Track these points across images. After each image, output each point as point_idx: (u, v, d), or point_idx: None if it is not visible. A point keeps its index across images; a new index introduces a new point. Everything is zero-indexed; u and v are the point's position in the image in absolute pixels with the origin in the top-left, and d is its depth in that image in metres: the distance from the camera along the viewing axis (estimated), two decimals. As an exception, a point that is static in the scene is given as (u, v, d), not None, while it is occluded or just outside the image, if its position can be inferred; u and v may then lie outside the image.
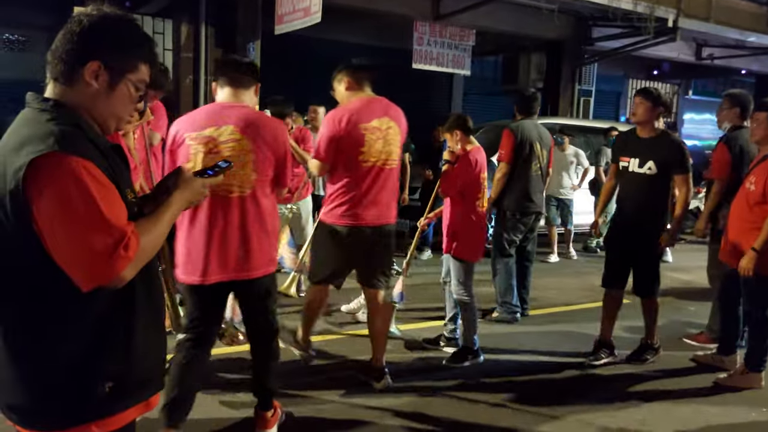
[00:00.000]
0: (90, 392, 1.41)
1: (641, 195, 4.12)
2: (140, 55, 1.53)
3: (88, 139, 1.41)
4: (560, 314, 5.75)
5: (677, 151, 4.08)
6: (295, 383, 3.71)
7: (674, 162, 4.06)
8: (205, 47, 8.47)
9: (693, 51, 13.01)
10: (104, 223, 1.34)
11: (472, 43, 10.18)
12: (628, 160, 4.15)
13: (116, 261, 1.35)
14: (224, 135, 2.74)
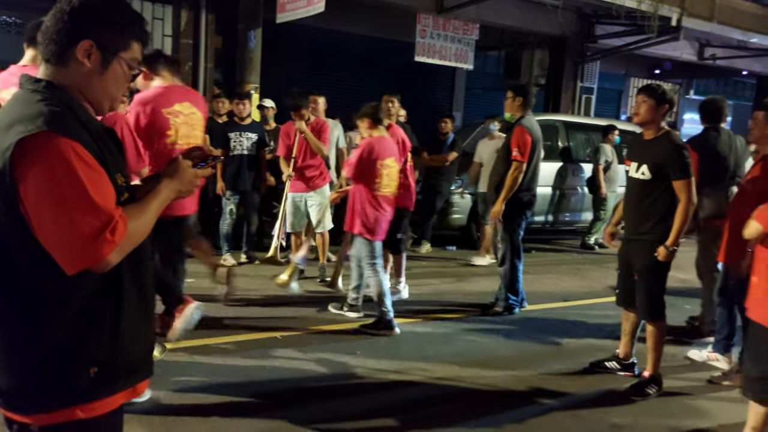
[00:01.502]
0: (74, 376, 1.39)
1: (636, 202, 3.79)
2: (132, 33, 1.50)
3: (79, 121, 1.39)
4: (557, 309, 5.73)
5: (673, 154, 3.60)
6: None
7: (669, 166, 3.60)
8: (205, 34, 8.42)
9: (695, 51, 12.98)
10: (91, 205, 1.32)
11: (475, 37, 10.13)
12: (630, 164, 3.87)
13: (102, 245, 1.32)
14: (186, 109, 3.61)
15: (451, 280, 6.63)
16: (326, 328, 4.71)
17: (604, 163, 8.72)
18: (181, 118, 3.63)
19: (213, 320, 4.59)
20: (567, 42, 11.30)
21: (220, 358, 3.96)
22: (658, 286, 3.77)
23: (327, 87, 7.82)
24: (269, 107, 7.15)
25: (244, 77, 8.24)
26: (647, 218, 3.72)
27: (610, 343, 4.71)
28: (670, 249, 3.62)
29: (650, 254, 3.67)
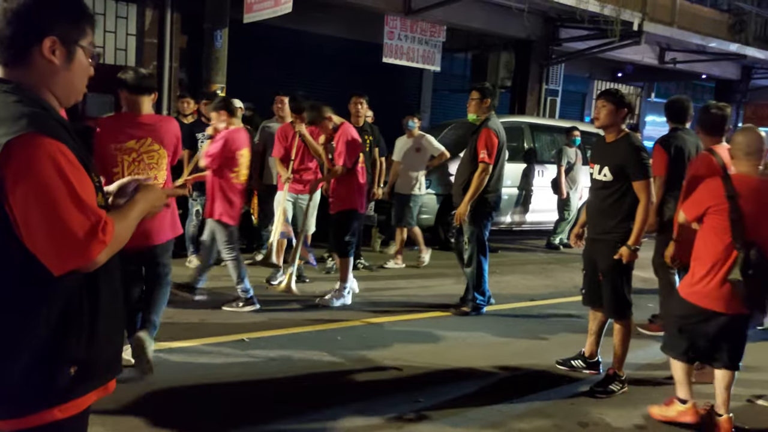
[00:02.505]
0: (55, 377, 1.39)
1: (599, 203, 3.86)
2: (85, 18, 1.50)
3: (56, 120, 1.39)
4: (524, 309, 5.81)
5: (632, 155, 3.69)
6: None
7: (629, 167, 3.69)
8: (170, 33, 8.30)
9: (656, 55, 13.29)
10: (81, 205, 1.33)
11: (442, 39, 10.20)
12: (593, 166, 3.95)
13: (93, 243, 1.34)
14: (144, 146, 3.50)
15: (420, 280, 6.66)
16: (299, 330, 4.69)
17: (567, 164, 8.87)
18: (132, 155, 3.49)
19: (180, 322, 4.53)
20: (532, 45, 11.46)
21: (187, 359, 3.91)
22: (622, 285, 3.82)
23: (294, 87, 7.79)
24: (238, 107, 7.06)
25: (210, 77, 8.15)
26: (610, 218, 3.80)
27: (576, 342, 4.80)
28: (632, 248, 3.70)
29: (613, 254, 3.74)
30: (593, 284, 3.98)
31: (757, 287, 3.11)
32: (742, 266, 3.08)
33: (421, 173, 7.12)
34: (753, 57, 13.10)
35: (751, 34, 13.49)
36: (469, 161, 5.24)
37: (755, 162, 3.23)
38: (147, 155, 3.53)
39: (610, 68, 14.90)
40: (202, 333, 4.45)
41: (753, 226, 3.11)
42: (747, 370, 4.30)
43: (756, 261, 3.06)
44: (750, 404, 3.84)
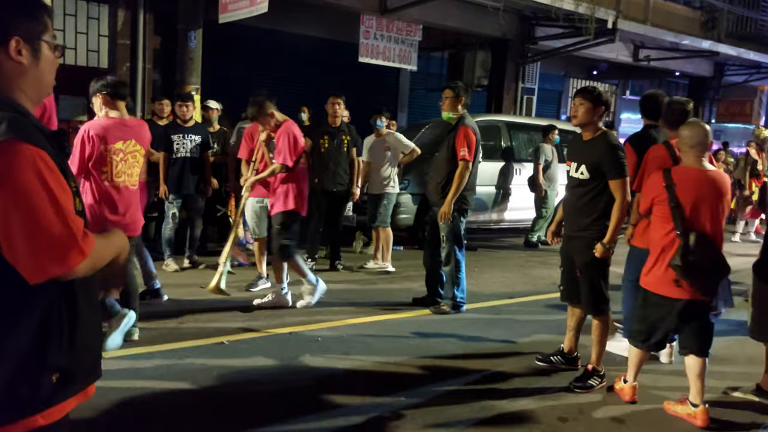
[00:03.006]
0: (37, 385, 1.39)
1: (576, 201, 3.92)
2: (43, 11, 1.49)
3: (34, 126, 1.38)
4: (503, 306, 5.83)
5: (609, 154, 3.74)
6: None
7: (606, 166, 3.74)
8: (143, 34, 8.20)
9: (631, 52, 13.44)
10: (62, 213, 1.33)
11: (418, 38, 10.21)
12: (570, 164, 4.00)
13: (73, 253, 1.35)
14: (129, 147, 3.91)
15: (400, 279, 6.65)
16: (279, 332, 4.65)
17: (544, 162, 8.93)
18: (120, 155, 3.91)
19: (158, 327, 4.47)
20: (508, 44, 11.52)
21: (165, 363, 3.86)
22: (599, 281, 3.87)
23: (271, 88, 7.73)
24: (214, 108, 7.02)
25: (184, 78, 8.06)
26: (586, 216, 3.84)
27: (555, 338, 4.83)
28: (607, 246, 3.75)
29: (590, 251, 3.78)
30: (570, 281, 4.02)
31: (699, 272, 3.27)
32: (682, 252, 3.27)
33: (392, 172, 6.99)
34: (725, 54, 13.32)
35: (723, 31, 13.71)
36: (447, 160, 5.22)
37: (698, 154, 3.40)
38: (131, 155, 3.99)
39: (586, 66, 15.04)
40: (180, 337, 4.39)
41: (691, 214, 3.31)
42: (722, 363, 4.38)
43: (694, 247, 3.24)
44: (725, 395, 3.89)
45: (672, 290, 3.37)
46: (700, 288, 3.31)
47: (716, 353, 4.48)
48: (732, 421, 3.55)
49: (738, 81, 15.35)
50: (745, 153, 11.35)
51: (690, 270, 3.26)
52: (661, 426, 3.45)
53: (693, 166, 3.39)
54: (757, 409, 3.70)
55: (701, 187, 3.34)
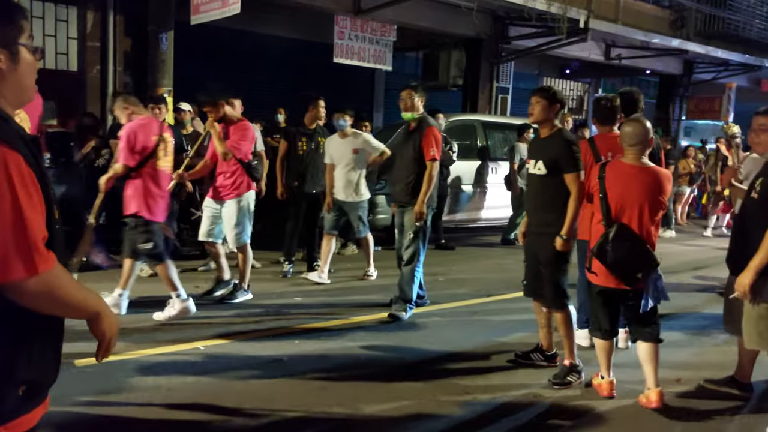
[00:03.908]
0: (6, 397, 1.38)
1: (537, 197, 4.06)
2: (19, 14, 1.47)
3: (16, 132, 1.39)
4: (481, 305, 5.84)
5: (564, 149, 3.86)
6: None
7: (561, 161, 3.85)
8: (113, 36, 8.06)
9: (602, 51, 13.60)
10: (22, 221, 1.31)
11: (393, 38, 10.21)
12: (530, 162, 4.10)
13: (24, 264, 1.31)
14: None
15: (378, 279, 6.63)
16: (257, 336, 4.60)
17: (519, 161, 8.98)
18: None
19: (132, 332, 4.39)
20: (482, 43, 11.57)
21: (141, 368, 3.79)
22: (559, 275, 3.98)
23: (245, 89, 7.67)
24: (186, 110, 6.93)
25: (156, 80, 7.94)
26: (549, 212, 3.94)
27: (534, 336, 4.85)
28: (565, 238, 3.85)
29: (551, 245, 3.89)
30: (534, 276, 4.13)
31: (616, 263, 3.41)
32: (601, 241, 3.42)
33: (361, 175, 6.39)
34: (694, 52, 13.53)
35: (691, 30, 13.95)
36: (415, 160, 5.10)
37: (637, 152, 3.50)
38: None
39: (559, 65, 15.18)
40: (155, 342, 4.31)
41: (617, 207, 3.45)
42: (696, 355, 4.43)
43: (613, 238, 3.38)
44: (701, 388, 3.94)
45: (604, 280, 3.52)
46: (621, 278, 3.46)
47: (690, 345, 4.56)
48: (703, 410, 3.59)
49: (707, 78, 15.61)
50: (716, 149, 11.56)
51: (606, 260, 3.41)
52: (639, 418, 3.48)
53: (628, 162, 3.53)
54: (730, 399, 3.75)
55: (631, 182, 3.47)
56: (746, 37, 14.43)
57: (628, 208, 3.46)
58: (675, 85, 15.66)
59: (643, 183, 3.46)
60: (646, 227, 3.47)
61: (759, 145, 3.65)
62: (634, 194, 3.46)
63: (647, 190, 3.46)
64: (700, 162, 12.09)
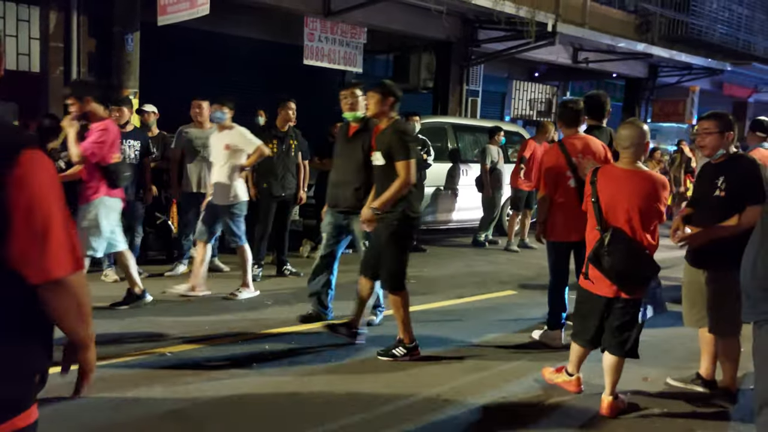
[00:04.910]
0: (25, 385, 1.45)
1: (380, 186, 4.24)
2: None
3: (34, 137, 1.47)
4: (452, 306, 5.85)
5: (395, 138, 4.14)
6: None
7: (393, 150, 4.12)
8: (77, 37, 7.88)
9: (570, 55, 13.78)
10: (67, 221, 1.44)
11: (363, 40, 10.19)
12: (373, 154, 4.34)
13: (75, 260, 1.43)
14: None
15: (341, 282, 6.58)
16: (226, 341, 4.53)
17: (490, 163, 9.05)
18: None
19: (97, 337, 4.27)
20: (452, 46, 11.63)
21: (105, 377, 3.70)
22: (397, 259, 4.24)
23: (214, 91, 7.55)
24: (150, 112, 6.82)
25: (121, 82, 7.79)
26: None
27: (506, 336, 4.89)
28: (373, 210, 4.14)
29: (390, 231, 4.16)
30: (372, 257, 4.36)
31: (614, 268, 3.34)
32: (596, 247, 3.38)
33: (235, 175, 5.67)
34: (658, 56, 13.80)
35: (656, 35, 14.22)
36: (364, 163, 4.70)
37: (631, 155, 3.47)
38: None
39: (528, 68, 15.35)
40: (121, 349, 4.22)
41: (609, 211, 3.41)
42: (663, 353, 4.51)
43: (609, 243, 3.33)
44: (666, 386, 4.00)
45: (597, 287, 3.47)
46: (619, 285, 3.38)
47: (656, 343, 4.63)
48: (670, 411, 3.65)
49: (671, 82, 15.93)
50: (679, 151, 11.82)
51: (603, 266, 3.35)
52: (605, 419, 3.51)
53: (621, 166, 3.50)
54: (696, 397, 3.82)
55: (622, 186, 3.41)
56: (708, 42, 14.77)
57: (619, 212, 3.38)
58: (640, 89, 15.95)
59: (634, 188, 3.39)
60: (640, 233, 3.38)
61: (705, 148, 3.74)
62: (625, 199, 3.38)
63: (638, 195, 3.38)
64: (666, 164, 12.34)
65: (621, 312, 3.44)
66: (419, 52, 11.54)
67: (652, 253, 3.43)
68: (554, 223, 4.61)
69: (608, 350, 3.52)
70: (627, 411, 3.56)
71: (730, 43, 15.21)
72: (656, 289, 3.44)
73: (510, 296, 6.36)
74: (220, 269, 6.73)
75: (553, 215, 4.61)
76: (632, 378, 3.90)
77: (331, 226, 4.98)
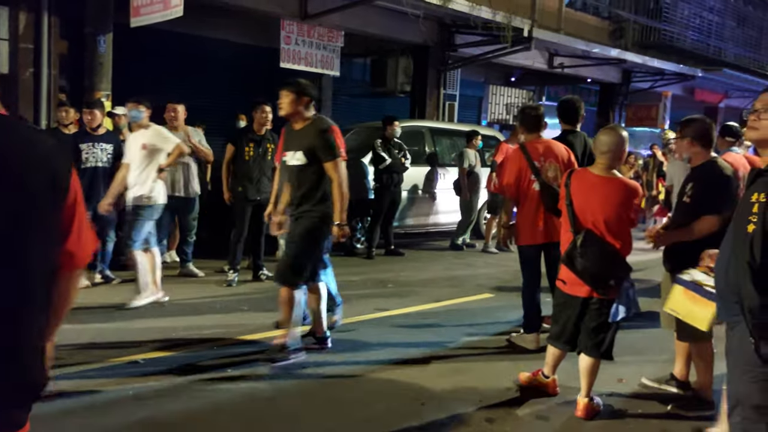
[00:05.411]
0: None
1: (298, 187, 4.12)
2: None
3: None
4: (429, 310, 5.84)
5: (320, 137, 4.01)
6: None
7: (319, 149, 4.01)
8: (47, 38, 7.72)
9: (546, 60, 13.91)
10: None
11: (340, 44, 10.16)
12: (285, 154, 4.20)
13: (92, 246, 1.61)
14: None
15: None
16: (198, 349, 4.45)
17: (468, 167, 9.08)
18: None
19: (68, 346, 4.18)
20: (429, 50, 11.66)
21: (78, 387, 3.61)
22: (304, 253, 4.08)
23: (189, 94, 7.48)
24: (121, 115, 6.72)
25: (93, 84, 7.66)
26: (309, 200, 4.08)
27: (484, 339, 4.89)
28: (340, 225, 4.03)
29: (310, 225, 4.04)
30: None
31: (586, 269, 3.37)
32: (569, 248, 3.42)
33: (151, 177, 5.45)
34: (632, 61, 13.97)
35: (629, 41, 14.41)
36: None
37: (606, 161, 3.49)
38: None
39: (504, 73, 15.45)
40: (92, 355, 4.12)
41: (582, 215, 3.44)
42: (638, 354, 4.54)
43: (581, 245, 3.36)
44: (641, 387, 4.03)
45: (572, 288, 3.51)
46: (592, 285, 3.41)
47: (631, 344, 4.66)
48: (644, 412, 3.67)
49: (644, 87, 16.14)
50: (652, 155, 12.00)
51: (577, 267, 3.39)
52: (580, 421, 3.52)
53: (596, 172, 3.52)
54: (671, 398, 3.85)
55: (595, 193, 3.44)
56: (680, 48, 15.01)
57: (591, 217, 3.42)
58: (614, 94, 16.14)
59: (605, 194, 3.42)
60: (611, 238, 3.40)
61: (677, 152, 3.84)
62: (596, 205, 3.42)
63: (610, 203, 3.41)
64: (639, 168, 12.49)
65: (596, 313, 3.46)
66: (396, 56, 11.55)
67: (625, 256, 3.46)
68: (520, 227, 4.67)
69: (584, 352, 3.53)
70: (602, 412, 3.58)
71: (701, 49, 15.48)
72: (629, 290, 3.45)
73: (487, 299, 6.37)
74: (195, 274, 6.65)
75: (518, 219, 4.69)
76: (607, 379, 3.92)
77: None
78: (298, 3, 9.52)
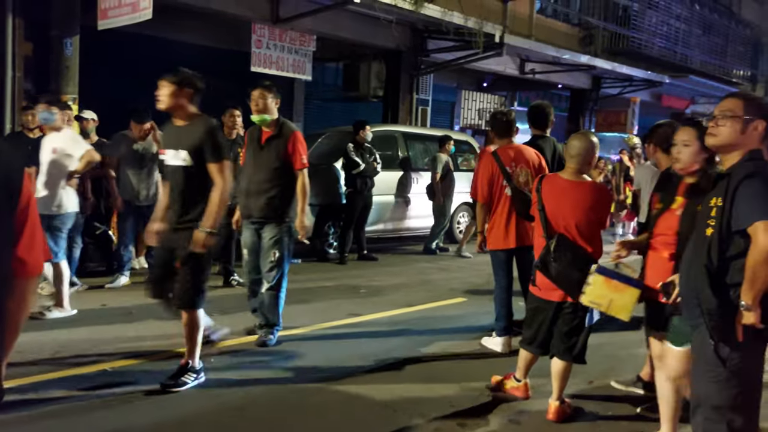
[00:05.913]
0: None
1: (181, 190, 3.69)
2: None
3: None
4: (402, 315, 5.83)
5: (207, 136, 3.61)
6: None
7: (206, 149, 3.60)
8: (12, 41, 7.54)
9: (517, 66, 14.05)
10: None
11: (312, 48, 10.13)
12: (165, 152, 3.77)
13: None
14: None
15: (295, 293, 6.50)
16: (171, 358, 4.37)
17: (441, 171, 9.11)
18: None
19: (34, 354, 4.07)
20: (402, 55, 11.68)
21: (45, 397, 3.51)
22: (197, 273, 3.67)
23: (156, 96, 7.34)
24: (89, 119, 6.59)
25: (60, 87, 7.50)
26: (193, 205, 3.66)
27: (456, 344, 4.89)
28: (207, 232, 3.56)
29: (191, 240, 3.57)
30: (164, 275, 3.76)
31: (559, 274, 3.39)
32: (544, 254, 3.43)
33: (60, 184, 5.12)
34: (601, 68, 14.21)
35: (599, 47, 14.64)
36: (277, 170, 4.52)
37: (575, 165, 3.52)
38: None
39: (476, 78, 15.57)
40: (57, 365, 4.01)
41: (554, 219, 3.47)
42: (607, 356, 4.59)
43: (554, 249, 3.38)
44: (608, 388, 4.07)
45: (545, 293, 3.52)
46: (566, 290, 3.41)
47: (601, 347, 4.71)
48: (614, 414, 3.71)
49: (613, 93, 16.42)
50: (619, 160, 12.20)
51: (551, 272, 3.40)
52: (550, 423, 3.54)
53: (566, 177, 3.55)
54: (641, 400, 3.89)
55: (566, 197, 3.48)
56: (648, 55, 15.30)
57: (562, 221, 3.45)
58: (584, 99, 16.38)
59: (576, 198, 3.46)
60: (583, 242, 3.43)
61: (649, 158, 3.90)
62: (567, 209, 3.45)
63: (579, 206, 3.45)
64: (608, 173, 12.68)
65: (570, 317, 3.48)
66: (369, 61, 11.55)
67: (597, 259, 3.48)
68: (491, 232, 4.71)
69: (557, 356, 3.55)
70: (573, 415, 3.60)
71: (668, 56, 15.79)
72: None
73: (460, 304, 6.38)
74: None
75: (490, 224, 4.72)
76: (578, 381, 3.95)
77: (251, 241, 4.70)
78: (269, 7, 9.46)
